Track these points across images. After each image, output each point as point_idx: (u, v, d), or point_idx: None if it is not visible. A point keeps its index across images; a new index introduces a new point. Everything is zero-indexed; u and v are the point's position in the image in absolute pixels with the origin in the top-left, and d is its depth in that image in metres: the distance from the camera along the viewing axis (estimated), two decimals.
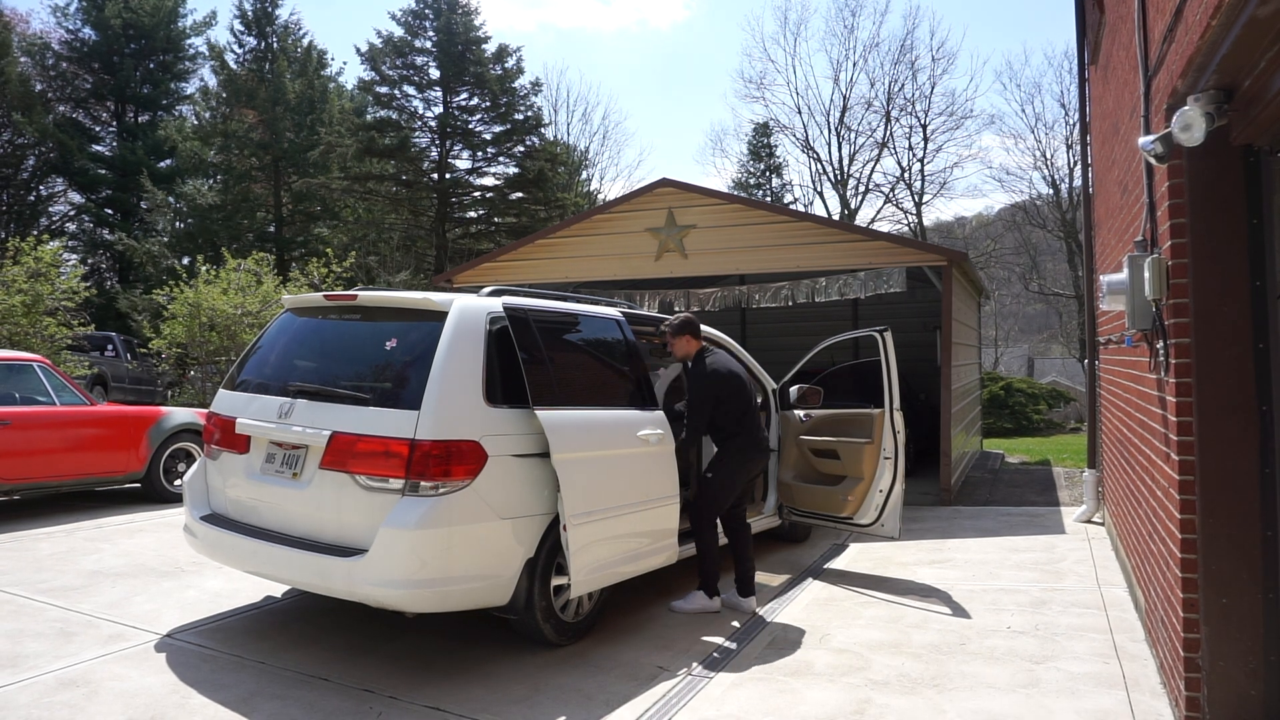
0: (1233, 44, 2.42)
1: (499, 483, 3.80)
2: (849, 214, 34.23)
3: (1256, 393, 2.94)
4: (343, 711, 3.43)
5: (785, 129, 37.60)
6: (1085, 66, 7.97)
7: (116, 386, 17.46)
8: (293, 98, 26.45)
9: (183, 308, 13.88)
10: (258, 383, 4.39)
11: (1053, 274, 36.53)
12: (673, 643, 4.35)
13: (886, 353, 5.66)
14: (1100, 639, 4.33)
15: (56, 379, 7.36)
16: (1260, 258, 2.93)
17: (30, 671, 3.72)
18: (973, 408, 12.57)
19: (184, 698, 3.51)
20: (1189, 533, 3.10)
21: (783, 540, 6.64)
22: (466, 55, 25.29)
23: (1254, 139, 2.86)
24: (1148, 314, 3.53)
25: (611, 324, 4.80)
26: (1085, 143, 8.32)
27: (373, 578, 3.57)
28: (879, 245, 9.35)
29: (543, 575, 4.01)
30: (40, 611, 4.55)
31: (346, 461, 3.77)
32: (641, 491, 4.40)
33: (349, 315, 4.35)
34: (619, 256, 10.11)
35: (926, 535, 6.93)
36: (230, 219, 25.40)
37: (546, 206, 26.02)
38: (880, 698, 3.62)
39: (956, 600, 5.07)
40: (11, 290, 11.75)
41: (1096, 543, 6.61)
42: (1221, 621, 2.99)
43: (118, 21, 28.52)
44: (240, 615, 4.61)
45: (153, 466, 7.79)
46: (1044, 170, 41.80)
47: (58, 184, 29.59)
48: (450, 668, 3.93)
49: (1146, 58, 3.80)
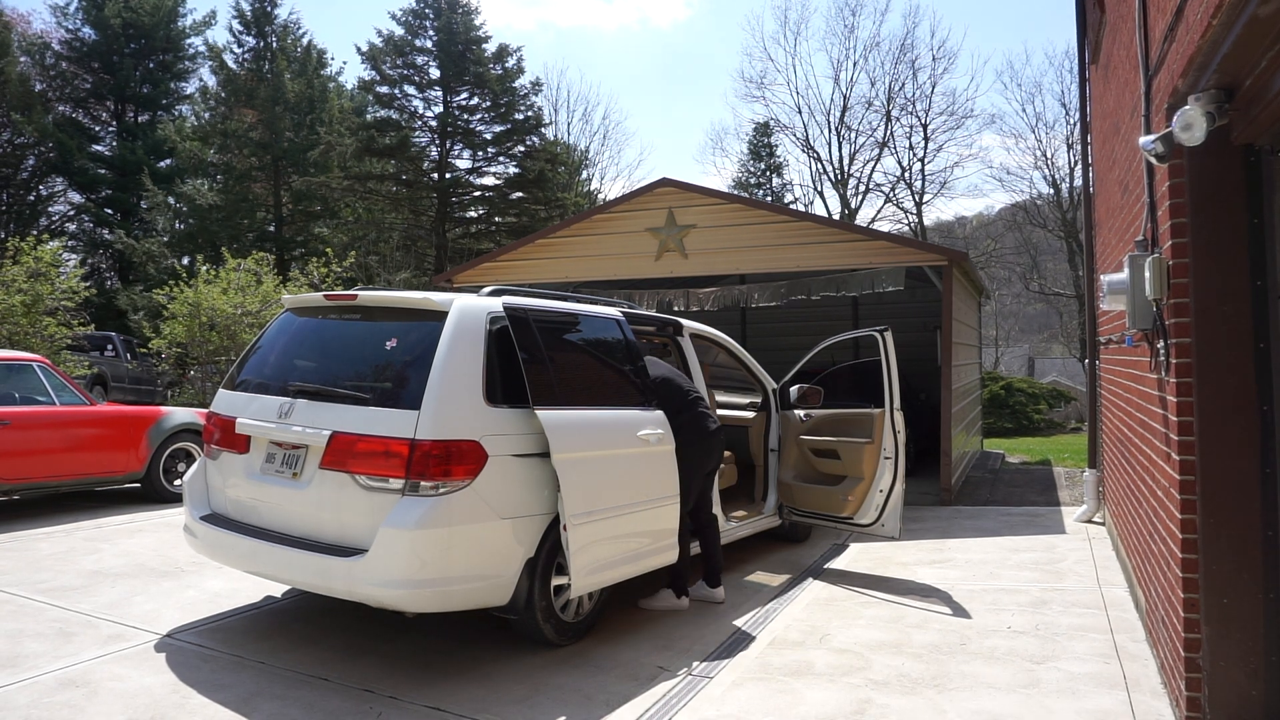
0: (1233, 43, 2.41)
1: (499, 483, 3.80)
2: (849, 214, 34.22)
3: (1257, 393, 2.94)
4: (343, 712, 3.43)
5: (785, 128, 37.62)
6: (1086, 66, 7.96)
7: (116, 386, 17.46)
8: (292, 97, 26.44)
9: (183, 307, 13.88)
10: (258, 382, 4.39)
11: (1053, 274, 36.52)
12: (673, 643, 4.35)
13: (887, 352, 5.66)
14: (1101, 639, 4.32)
15: (56, 379, 7.36)
16: (1261, 257, 2.92)
17: (30, 671, 3.72)
18: (973, 407, 12.56)
19: (184, 698, 3.50)
20: (1190, 533, 3.09)
21: (783, 540, 6.64)
22: (467, 55, 25.30)
23: (1255, 138, 2.86)
24: (1148, 314, 3.53)
25: (612, 324, 4.80)
26: (1086, 142, 8.31)
27: (373, 577, 3.57)
28: (879, 245, 9.34)
29: (543, 575, 4.01)
30: (40, 611, 4.55)
31: (346, 461, 3.77)
32: (642, 491, 4.40)
33: (349, 315, 4.35)
34: (619, 256, 10.11)
35: (927, 535, 6.92)
36: (230, 219, 25.40)
37: (547, 206, 26.02)
38: (881, 698, 3.62)
39: (957, 600, 5.07)
40: (11, 290, 11.75)
41: (1097, 543, 6.60)
42: (1222, 622, 2.98)
43: (117, 21, 28.53)
44: (240, 615, 4.60)
45: (152, 466, 7.79)
46: (1044, 170, 41.76)
47: (57, 184, 29.62)
48: (450, 668, 3.93)
49: (1147, 57, 3.79)
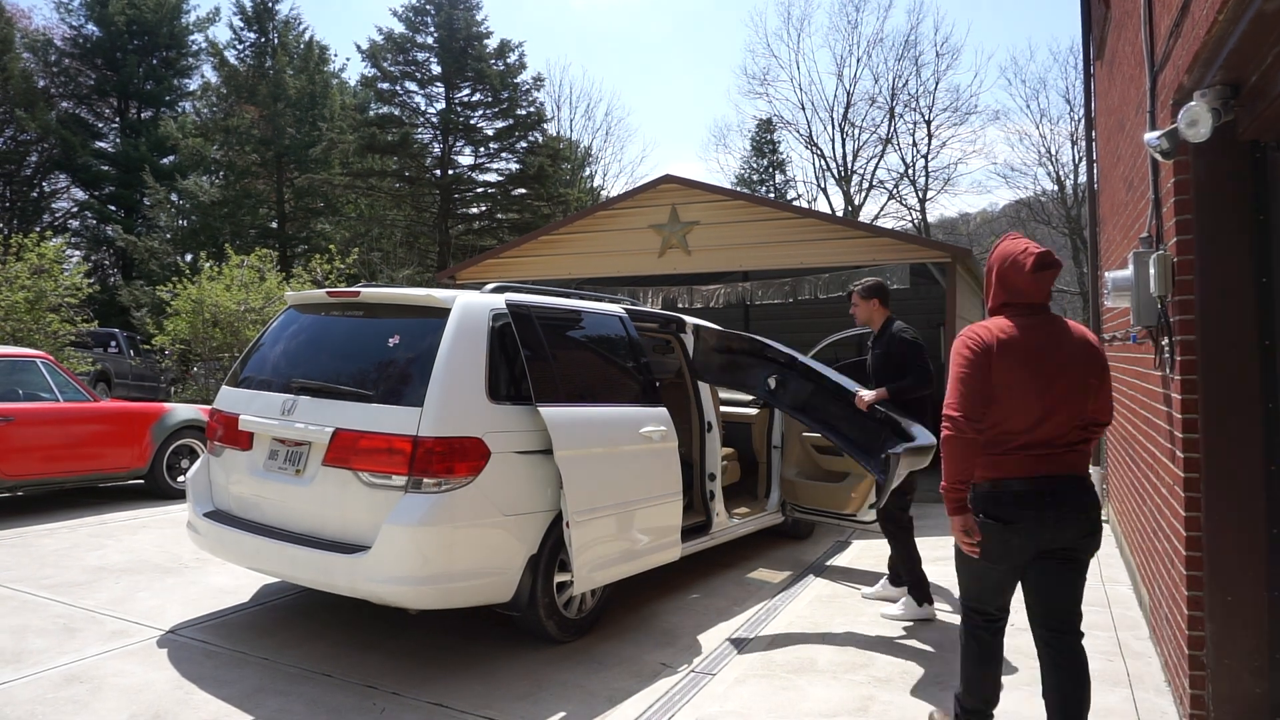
0: (1239, 39, 2.40)
1: (502, 480, 3.80)
2: (853, 210, 34.17)
3: (1262, 390, 2.93)
4: (346, 708, 3.43)
5: (789, 125, 37.61)
6: (1090, 62, 7.94)
7: (120, 383, 17.49)
8: (294, 93, 26.42)
9: (186, 304, 13.89)
10: (261, 379, 4.39)
11: None
12: (676, 639, 4.35)
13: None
14: (1104, 636, 4.32)
15: (60, 375, 7.37)
16: (1267, 254, 2.91)
17: (34, 667, 3.73)
18: None
19: (187, 694, 3.51)
20: (1194, 530, 3.09)
21: (786, 537, 6.64)
22: (468, 51, 25.26)
23: (1261, 135, 2.84)
24: (1153, 311, 3.52)
25: (615, 320, 4.80)
26: (1090, 138, 8.29)
27: (376, 574, 3.57)
28: (883, 242, 9.33)
29: (545, 572, 4.01)
30: (44, 607, 4.56)
31: (349, 458, 3.77)
32: (644, 489, 4.40)
33: (352, 312, 4.35)
34: (622, 253, 10.10)
35: (930, 532, 6.91)
36: (232, 215, 25.40)
37: (549, 202, 25.98)
38: (884, 695, 3.62)
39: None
40: (15, 286, 11.77)
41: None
42: (1226, 619, 2.97)
43: (121, 18, 28.52)
44: (243, 611, 4.61)
45: (156, 463, 7.80)
46: (1049, 166, 41.67)
47: (60, 180, 29.63)
48: (453, 664, 3.93)
49: (1152, 53, 3.78)
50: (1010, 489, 2.67)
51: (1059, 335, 2.73)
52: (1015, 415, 2.65)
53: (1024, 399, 2.65)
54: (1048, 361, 2.67)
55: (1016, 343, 2.68)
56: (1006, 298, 2.80)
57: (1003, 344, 2.68)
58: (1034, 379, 2.65)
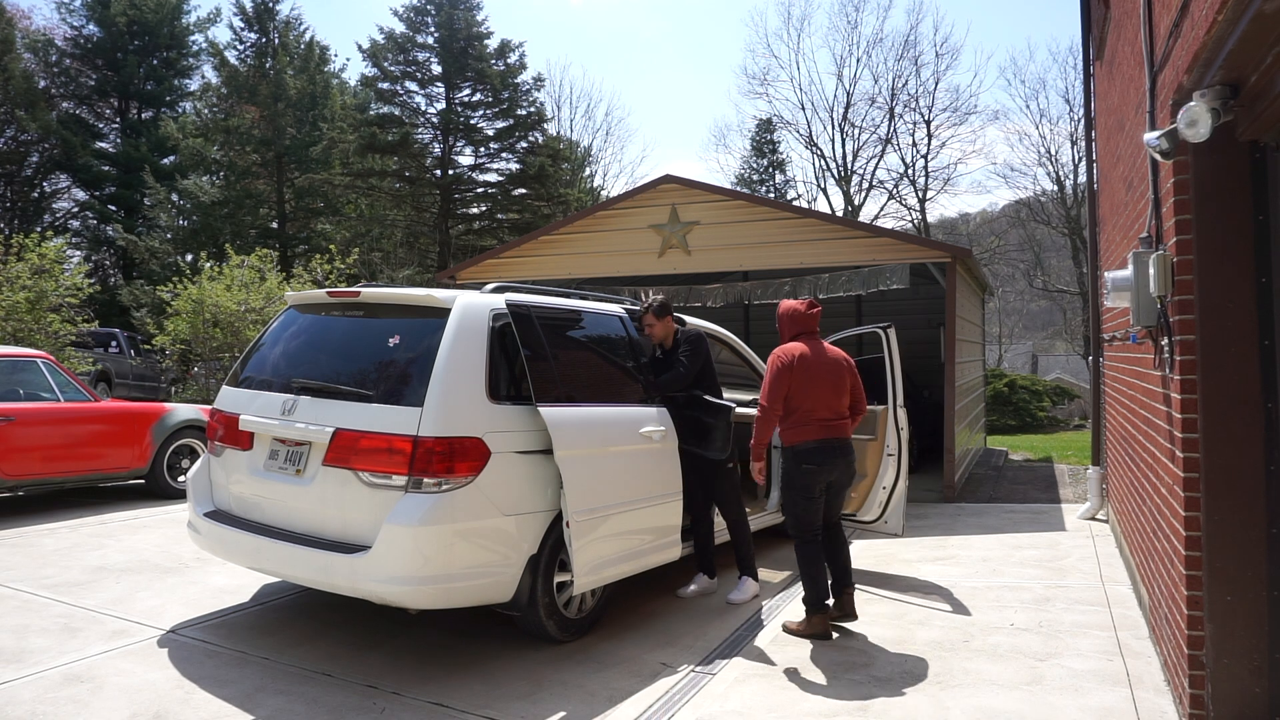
0: (1239, 39, 2.40)
1: (502, 479, 3.80)
2: (852, 210, 34.17)
3: (1262, 389, 2.93)
4: (346, 707, 3.44)
5: (789, 125, 37.54)
6: (1090, 62, 7.94)
7: (121, 383, 17.50)
8: (294, 93, 26.43)
9: (187, 304, 13.89)
10: (261, 379, 4.39)
11: (1057, 270, 36.43)
12: (676, 639, 4.35)
13: (890, 349, 5.65)
14: (1104, 636, 4.32)
15: (61, 375, 7.38)
16: (1266, 254, 2.91)
17: (35, 667, 3.74)
18: (976, 404, 12.54)
19: (188, 693, 3.51)
20: (1193, 530, 3.09)
21: (785, 537, 6.61)
22: (468, 51, 25.26)
23: (1260, 135, 2.85)
24: (1153, 310, 3.52)
25: (614, 320, 4.80)
26: (1090, 138, 8.29)
27: (376, 574, 3.58)
28: (882, 242, 9.33)
29: (546, 572, 4.01)
30: (45, 607, 4.57)
31: (350, 458, 3.77)
32: (645, 488, 4.40)
33: (352, 312, 4.35)
34: (622, 253, 10.10)
35: (930, 532, 6.92)
36: (233, 215, 25.41)
37: (549, 203, 25.98)
38: (883, 694, 3.62)
39: (959, 597, 5.07)
40: (15, 286, 11.77)
41: (1100, 540, 6.60)
42: (1226, 619, 2.98)
43: (122, 19, 28.53)
44: (244, 611, 4.62)
45: (156, 463, 7.81)
46: (1048, 166, 41.65)
47: (61, 180, 29.64)
48: (453, 664, 3.94)
49: (1152, 53, 3.78)
50: (813, 446, 4.31)
51: (824, 353, 4.47)
52: (810, 402, 4.32)
53: (815, 392, 4.34)
54: (823, 368, 4.39)
55: (807, 357, 4.38)
56: (796, 330, 4.52)
57: (800, 358, 4.36)
58: (817, 379, 4.36)
